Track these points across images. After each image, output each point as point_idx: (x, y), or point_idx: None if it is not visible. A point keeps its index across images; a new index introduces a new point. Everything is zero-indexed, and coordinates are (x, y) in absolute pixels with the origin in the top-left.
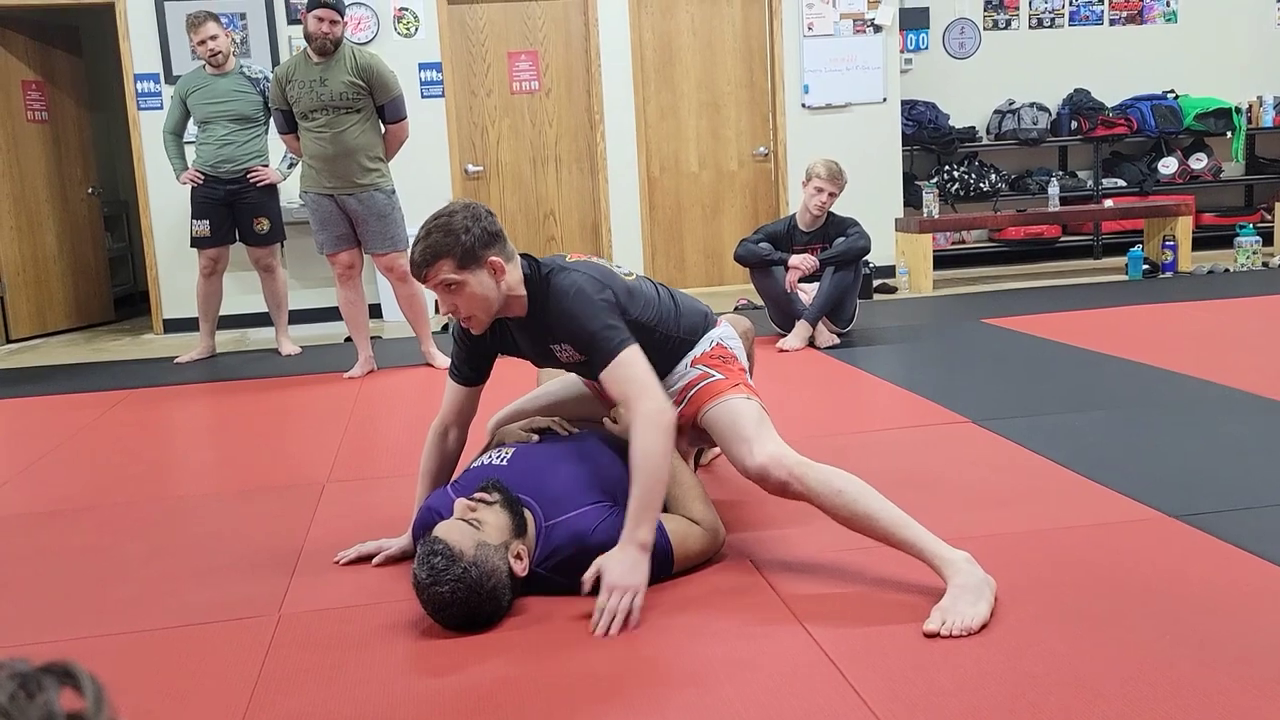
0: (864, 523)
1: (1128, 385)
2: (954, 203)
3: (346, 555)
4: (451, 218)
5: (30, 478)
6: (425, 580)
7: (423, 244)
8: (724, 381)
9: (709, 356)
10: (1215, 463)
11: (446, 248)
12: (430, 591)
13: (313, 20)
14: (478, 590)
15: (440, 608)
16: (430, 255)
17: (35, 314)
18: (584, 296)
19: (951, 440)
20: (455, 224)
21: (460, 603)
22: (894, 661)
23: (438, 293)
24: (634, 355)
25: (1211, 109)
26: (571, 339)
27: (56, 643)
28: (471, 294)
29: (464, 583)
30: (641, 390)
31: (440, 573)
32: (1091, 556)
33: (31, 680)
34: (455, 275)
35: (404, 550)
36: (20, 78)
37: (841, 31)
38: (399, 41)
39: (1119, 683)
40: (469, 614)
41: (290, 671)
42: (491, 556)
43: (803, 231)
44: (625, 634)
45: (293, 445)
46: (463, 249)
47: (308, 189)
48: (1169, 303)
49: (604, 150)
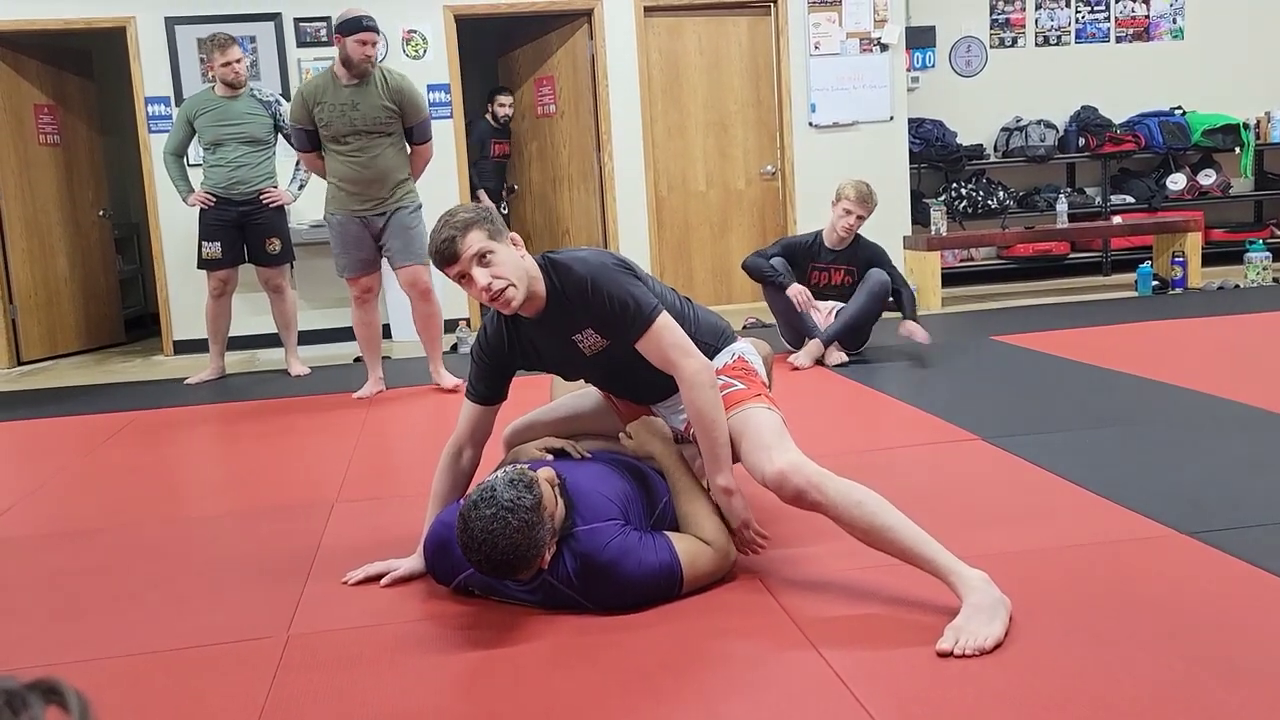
0: (881, 536)
1: (1138, 402)
2: (962, 220)
3: (355, 576)
4: (465, 210)
5: (40, 499)
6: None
7: (449, 225)
8: (745, 391)
9: (730, 368)
10: (1227, 479)
11: (475, 219)
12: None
13: (353, 44)
14: (511, 539)
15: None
16: (461, 226)
17: (46, 336)
18: (604, 268)
19: (962, 458)
20: (472, 208)
21: (503, 534)
22: (905, 682)
23: (469, 275)
24: (667, 320)
25: (1219, 125)
26: (598, 315)
27: (64, 665)
28: (505, 261)
29: (513, 523)
30: (682, 353)
31: (511, 505)
32: (1103, 574)
33: (17, 698)
34: (489, 243)
35: (412, 571)
36: (32, 101)
37: (848, 50)
38: (407, 63)
39: (1131, 702)
40: (507, 547)
41: (298, 693)
42: (543, 539)
43: (829, 249)
44: (631, 657)
45: (302, 465)
46: (487, 219)
47: (335, 211)
48: (1179, 319)
49: (611, 170)
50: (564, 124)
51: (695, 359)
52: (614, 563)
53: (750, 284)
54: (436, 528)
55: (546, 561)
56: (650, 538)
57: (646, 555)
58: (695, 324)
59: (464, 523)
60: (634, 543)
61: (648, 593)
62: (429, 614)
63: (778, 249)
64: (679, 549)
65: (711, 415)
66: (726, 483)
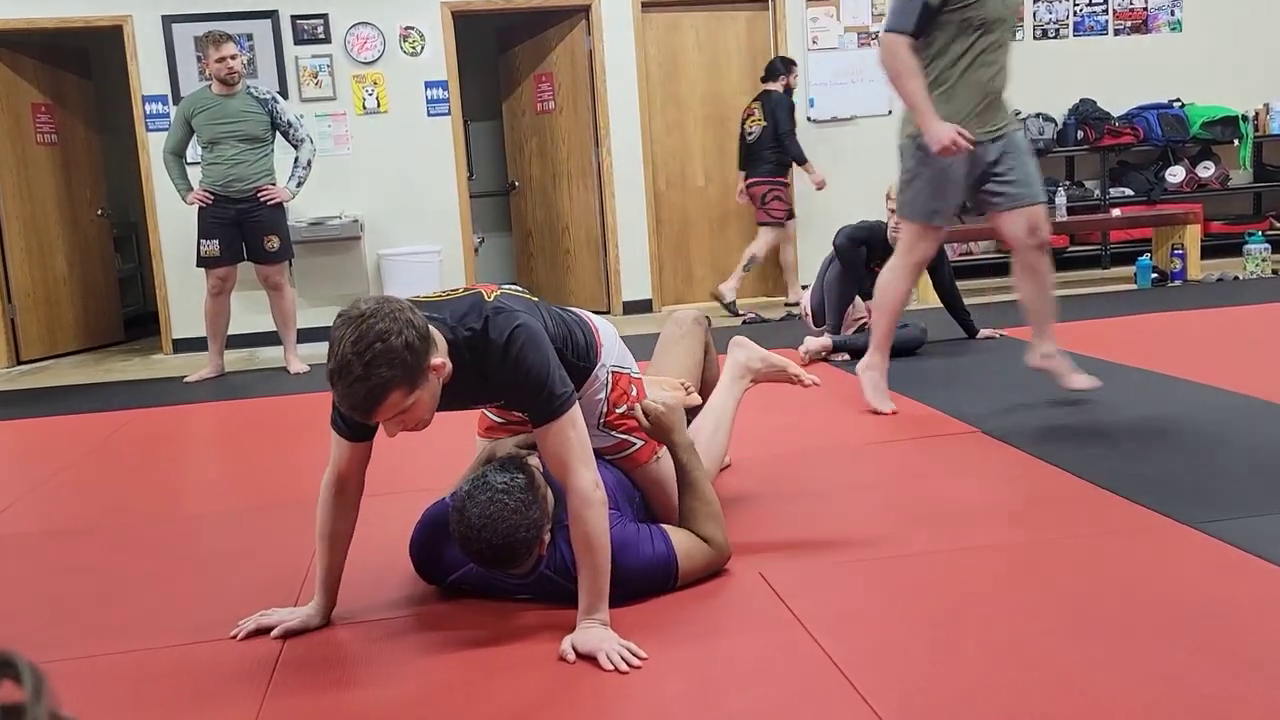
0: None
1: (1137, 393)
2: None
3: (245, 627)
4: (385, 338)
5: (40, 497)
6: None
7: (364, 384)
8: (645, 449)
9: (613, 409)
10: (1227, 469)
11: (394, 380)
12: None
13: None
14: (510, 521)
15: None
16: (379, 394)
17: (45, 335)
18: (535, 345)
19: (960, 450)
20: (393, 345)
21: (501, 520)
22: (904, 672)
23: (384, 424)
24: (576, 416)
25: (1218, 117)
26: (514, 389)
27: (63, 661)
28: (420, 406)
29: (521, 505)
30: (580, 460)
31: (506, 487)
32: (1103, 565)
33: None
34: (406, 400)
35: (305, 622)
36: (30, 100)
37: (846, 45)
38: (405, 60)
39: (1132, 690)
40: (502, 533)
41: (296, 689)
42: (542, 521)
43: (891, 249)
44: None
45: (300, 463)
46: (408, 371)
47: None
48: (1178, 311)
49: (610, 166)
50: (563, 120)
51: (591, 471)
52: (611, 554)
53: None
54: (420, 529)
55: (545, 546)
56: (647, 529)
57: (644, 547)
58: (574, 348)
59: (460, 515)
60: (631, 534)
61: (643, 585)
62: (426, 610)
63: (866, 234)
64: (676, 542)
65: (601, 541)
66: (604, 618)
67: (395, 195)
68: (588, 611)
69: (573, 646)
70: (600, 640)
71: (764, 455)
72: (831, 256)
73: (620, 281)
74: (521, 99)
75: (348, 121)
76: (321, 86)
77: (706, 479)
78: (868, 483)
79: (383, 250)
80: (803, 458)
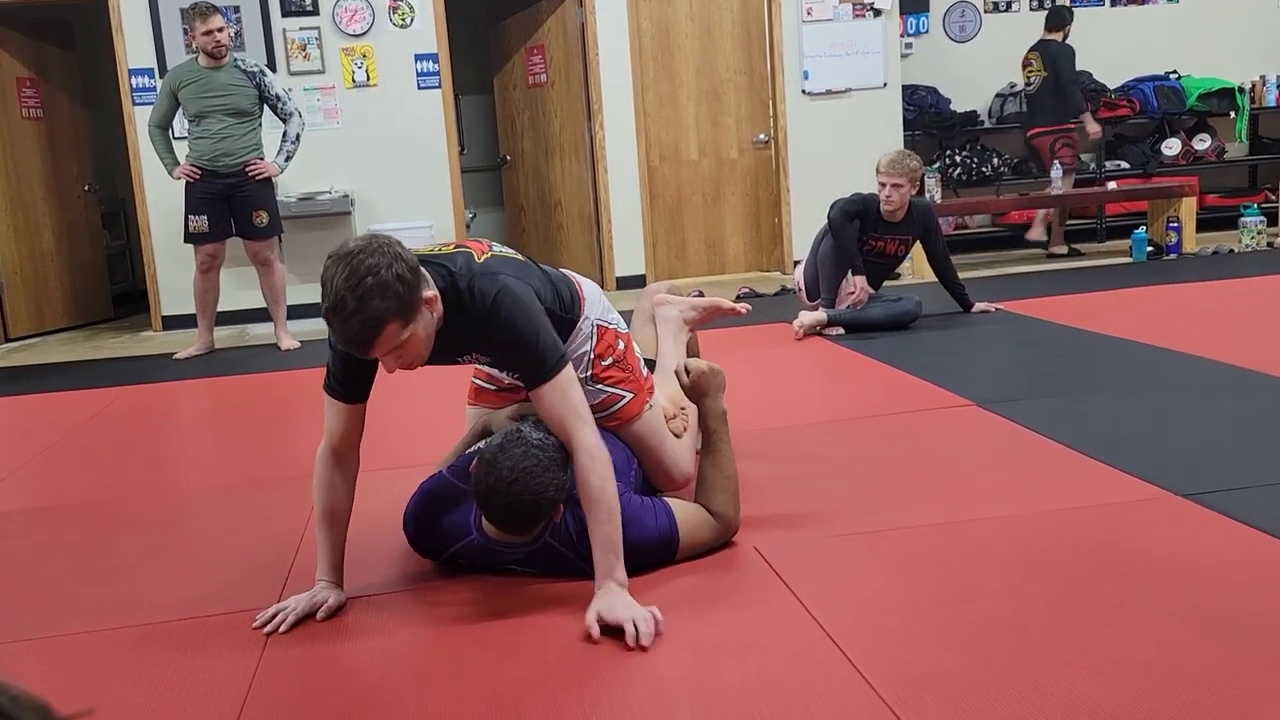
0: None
1: (1133, 366)
2: (956, 187)
3: (283, 622)
4: (376, 272)
5: (28, 474)
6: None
7: (359, 316)
8: (634, 402)
9: (604, 370)
10: (1222, 441)
11: (389, 311)
12: (523, 444)
13: None
14: (541, 479)
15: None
16: (375, 326)
17: (34, 312)
18: (521, 308)
19: (956, 423)
20: (385, 277)
21: (523, 480)
22: (898, 643)
23: (383, 360)
24: (571, 377)
25: (1214, 89)
26: (504, 350)
27: (54, 638)
28: (416, 342)
29: (542, 465)
30: (579, 421)
31: (540, 444)
32: (1098, 536)
33: None
34: (404, 334)
35: (339, 601)
36: (14, 75)
37: (841, 16)
38: (394, 32)
39: (1128, 660)
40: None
41: (288, 663)
42: (567, 484)
43: (884, 222)
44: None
45: (292, 438)
46: (402, 303)
47: None
48: (1174, 284)
49: (603, 140)
50: (555, 94)
51: (593, 430)
52: None
53: (744, 255)
54: (416, 503)
55: (560, 514)
56: (650, 502)
57: (647, 520)
58: (559, 300)
59: (489, 466)
60: (635, 508)
61: (645, 558)
62: (421, 584)
63: (859, 206)
64: (680, 517)
65: (610, 499)
66: (623, 578)
67: (386, 170)
68: (608, 574)
69: (598, 617)
70: (625, 607)
71: (758, 429)
72: (825, 230)
73: (613, 256)
74: (513, 72)
75: (337, 95)
76: (310, 59)
77: (730, 451)
78: (863, 456)
79: (373, 225)
80: (797, 431)
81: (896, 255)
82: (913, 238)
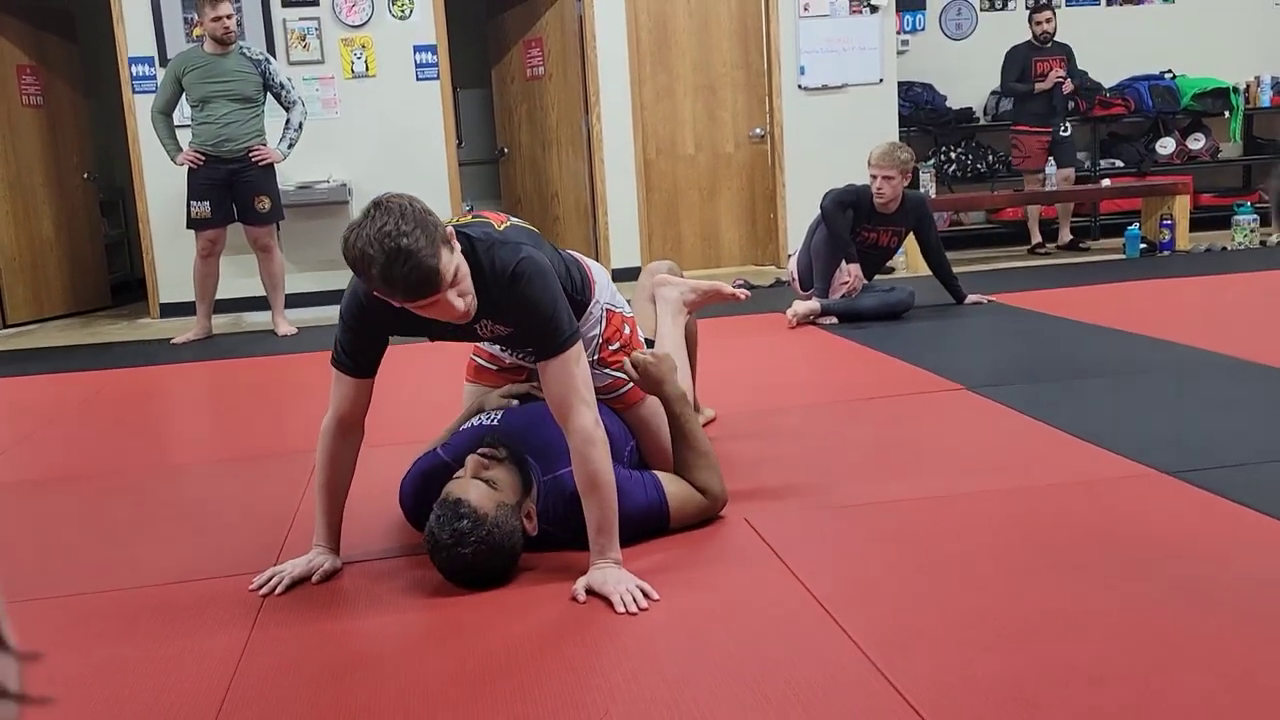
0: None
1: (1123, 354)
2: (951, 184)
3: (278, 584)
4: (403, 235)
5: (25, 449)
6: (448, 541)
7: (416, 257)
8: (637, 388)
9: (607, 346)
10: (1207, 423)
11: (435, 241)
12: (452, 553)
13: None
14: (500, 552)
15: (460, 569)
16: (432, 259)
17: (32, 300)
18: (542, 279)
19: (946, 406)
20: (416, 241)
21: (482, 565)
22: (884, 606)
23: (442, 302)
24: (580, 354)
25: (1209, 89)
26: (521, 321)
27: (51, 599)
28: (464, 275)
29: (487, 544)
30: (580, 401)
31: (464, 535)
32: (1084, 509)
33: None
34: (454, 264)
35: (334, 565)
36: (15, 63)
37: (838, 12)
38: (393, 24)
39: (1105, 623)
40: (487, 575)
41: (284, 624)
42: (510, 518)
43: (877, 213)
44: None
45: (287, 418)
46: (432, 238)
47: None
48: (1165, 278)
49: (599, 133)
50: (552, 87)
51: (593, 411)
52: None
53: (739, 248)
54: (410, 481)
55: (534, 521)
56: (639, 475)
57: (636, 494)
58: (572, 283)
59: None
60: (623, 481)
61: (634, 531)
62: (416, 552)
63: (853, 197)
64: (669, 490)
65: (607, 479)
66: (618, 557)
67: (383, 160)
68: (601, 553)
69: (586, 587)
70: (616, 581)
71: (751, 410)
72: (818, 220)
73: (610, 249)
74: (511, 65)
75: (336, 85)
76: (309, 50)
77: (700, 429)
78: (855, 435)
79: None
80: (789, 412)
81: (889, 247)
82: (906, 229)
